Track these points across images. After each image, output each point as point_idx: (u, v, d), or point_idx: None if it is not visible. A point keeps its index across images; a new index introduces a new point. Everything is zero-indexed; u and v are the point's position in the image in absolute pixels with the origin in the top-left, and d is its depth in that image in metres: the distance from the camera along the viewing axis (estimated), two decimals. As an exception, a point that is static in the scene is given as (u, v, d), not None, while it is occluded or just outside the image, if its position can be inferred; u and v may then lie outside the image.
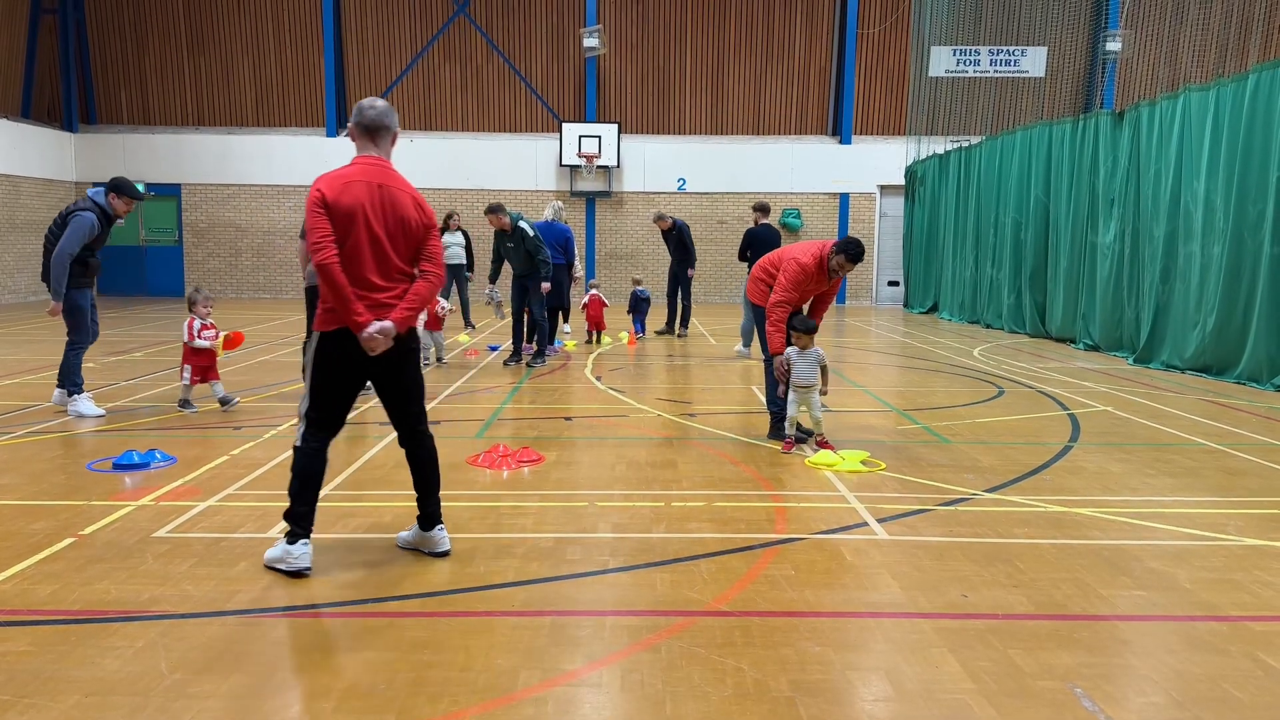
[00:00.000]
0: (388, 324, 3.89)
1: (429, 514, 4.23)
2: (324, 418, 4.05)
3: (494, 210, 10.05)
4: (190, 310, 7.61)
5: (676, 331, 14.22)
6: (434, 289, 4.07)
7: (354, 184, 3.91)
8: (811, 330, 6.41)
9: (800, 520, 4.85)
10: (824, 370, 6.41)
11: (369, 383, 4.15)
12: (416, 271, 4.09)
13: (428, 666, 3.17)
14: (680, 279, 14.17)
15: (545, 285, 10.33)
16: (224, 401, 7.63)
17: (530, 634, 3.43)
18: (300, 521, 4.01)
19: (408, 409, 4.21)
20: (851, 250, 6.35)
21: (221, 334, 7.64)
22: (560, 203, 12.41)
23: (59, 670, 3.11)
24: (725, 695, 2.99)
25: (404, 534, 4.37)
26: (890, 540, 4.54)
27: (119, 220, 7.34)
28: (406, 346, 4.12)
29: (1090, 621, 3.61)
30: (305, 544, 3.99)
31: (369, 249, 3.91)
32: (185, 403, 7.55)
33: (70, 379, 7.34)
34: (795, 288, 6.47)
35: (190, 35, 22.05)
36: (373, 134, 4.03)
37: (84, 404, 7.33)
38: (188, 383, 7.54)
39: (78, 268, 7.16)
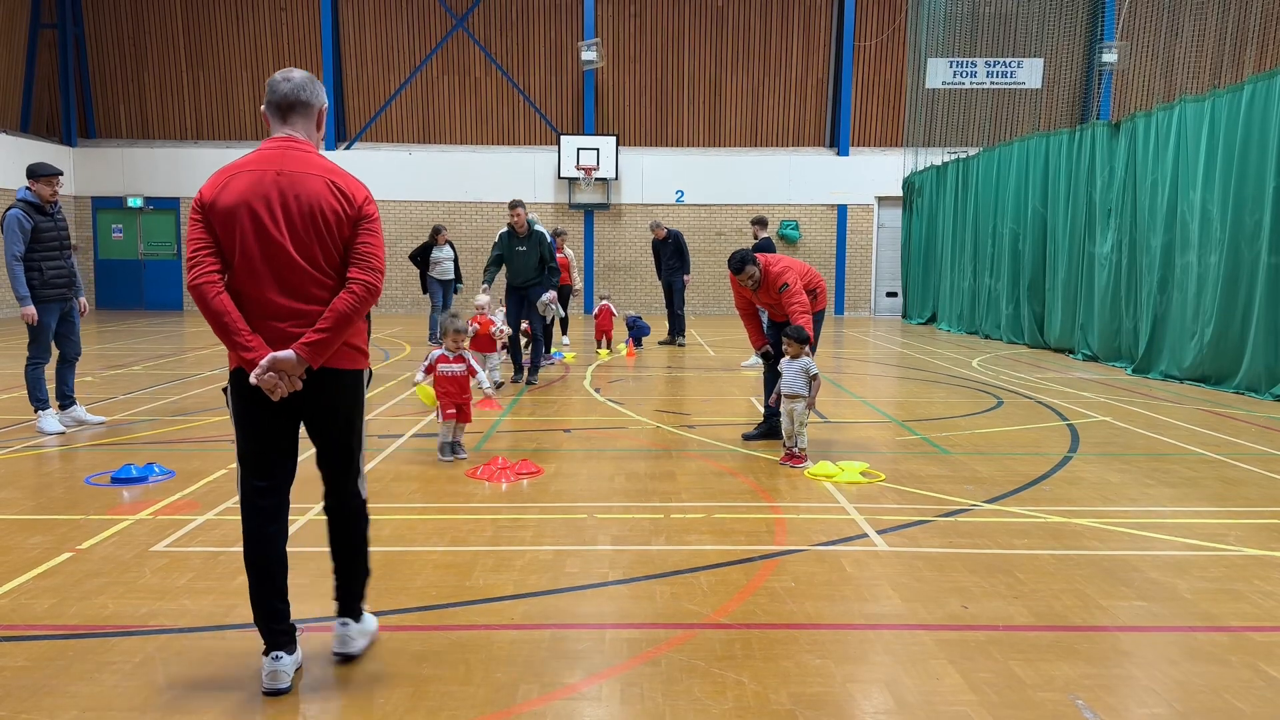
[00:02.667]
0: (284, 355, 2.91)
1: (339, 597, 3.29)
2: (248, 451, 3.10)
3: (518, 205, 9.96)
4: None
5: (675, 341, 14.29)
6: (361, 302, 3.01)
7: (238, 175, 2.98)
8: (799, 339, 6.39)
9: (800, 532, 4.84)
10: (813, 381, 6.32)
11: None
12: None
13: (426, 680, 3.16)
14: (675, 287, 14.28)
15: (551, 294, 10.26)
16: (451, 448, 6.45)
17: (529, 647, 3.42)
18: (262, 623, 3.07)
19: (332, 467, 3.21)
20: (730, 263, 6.95)
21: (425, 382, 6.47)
22: (534, 215, 12.49)
23: (56, 685, 3.09)
24: (726, 708, 2.98)
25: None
26: (890, 551, 4.54)
27: (53, 204, 7.15)
28: (336, 384, 3.09)
29: (1091, 632, 3.60)
30: (277, 657, 3.04)
31: (262, 259, 2.95)
32: (447, 447, 6.39)
33: (33, 394, 7.25)
34: (735, 293, 7.26)
35: (189, 49, 22.12)
36: (284, 112, 3.09)
37: (47, 420, 7.20)
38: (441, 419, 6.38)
39: (34, 275, 7.04)
